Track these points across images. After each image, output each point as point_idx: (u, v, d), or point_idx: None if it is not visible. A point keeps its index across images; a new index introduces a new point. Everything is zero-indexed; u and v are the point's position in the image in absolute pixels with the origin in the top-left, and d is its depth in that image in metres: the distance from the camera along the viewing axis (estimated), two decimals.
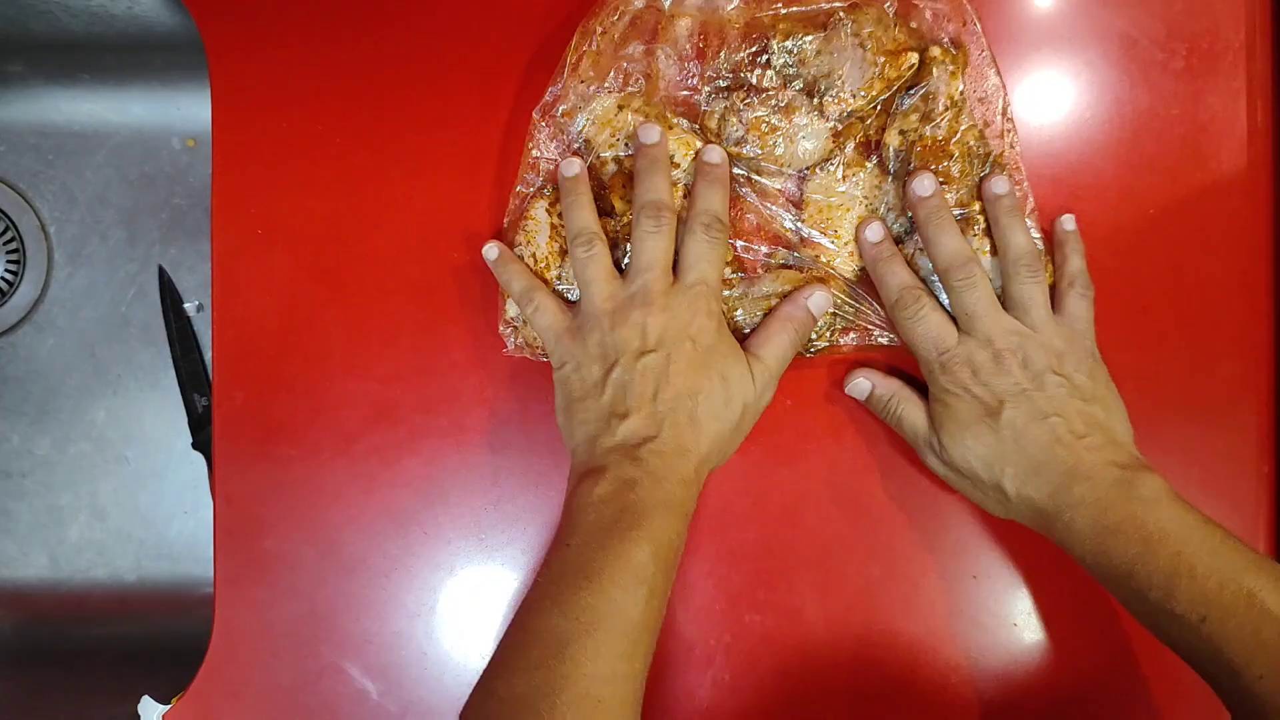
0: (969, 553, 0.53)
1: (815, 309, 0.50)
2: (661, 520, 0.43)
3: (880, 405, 0.51)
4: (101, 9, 0.66)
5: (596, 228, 0.49)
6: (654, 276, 0.47)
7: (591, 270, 0.48)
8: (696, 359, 0.46)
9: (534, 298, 0.49)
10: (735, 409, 0.47)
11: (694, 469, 0.45)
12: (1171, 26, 0.53)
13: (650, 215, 0.48)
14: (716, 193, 0.48)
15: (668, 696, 0.53)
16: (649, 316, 0.46)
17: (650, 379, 0.46)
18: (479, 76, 0.53)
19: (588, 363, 0.47)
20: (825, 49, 0.48)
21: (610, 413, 0.46)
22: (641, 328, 0.46)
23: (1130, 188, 0.53)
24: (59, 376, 0.72)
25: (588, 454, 0.46)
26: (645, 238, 0.47)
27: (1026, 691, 0.53)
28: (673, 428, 0.45)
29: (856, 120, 0.49)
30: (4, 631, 0.71)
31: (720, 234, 0.48)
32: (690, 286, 0.47)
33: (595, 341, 0.47)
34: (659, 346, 0.46)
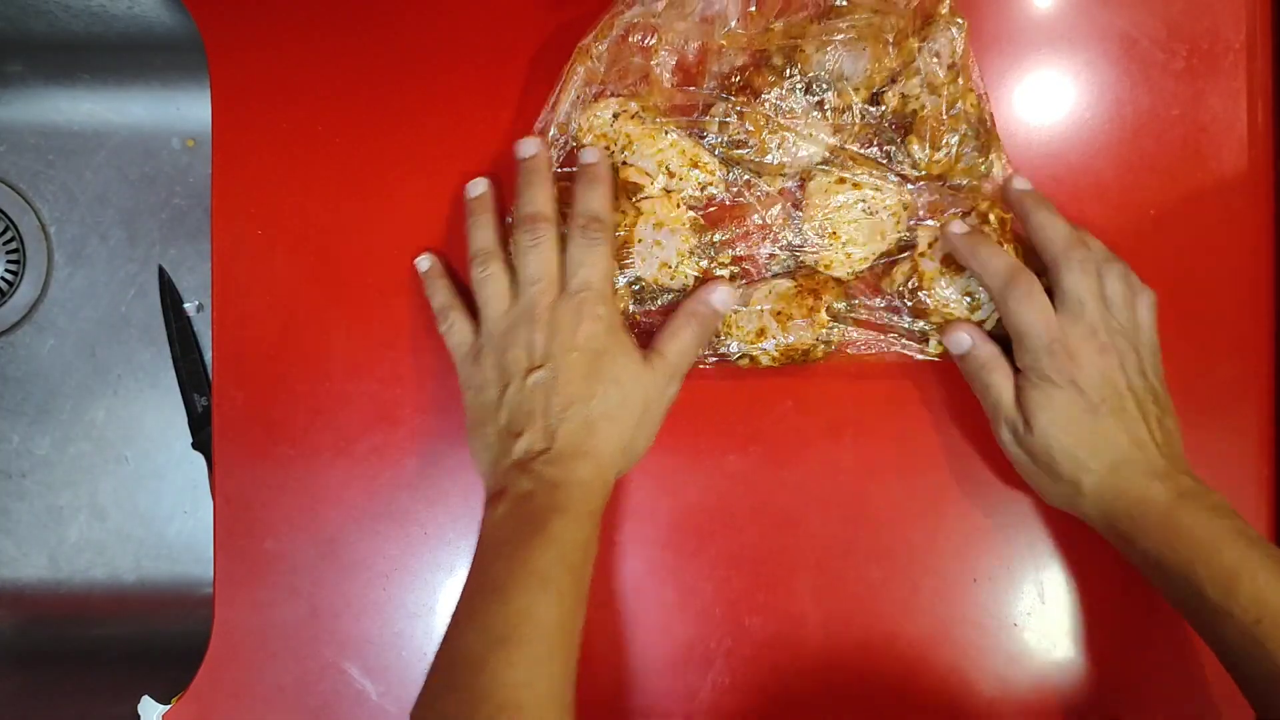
0: (968, 555, 0.53)
1: (719, 304, 0.49)
2: (560, 524, 0.43)
3: (973, 366, 0.49)
4: (101, 9, 0.66)
5: (494, 247, 0.49)
6: (538, 290, 0.47)
7: (487, 290, 0.49)
8: (584, 367, 0.46)
9: (449, 316, 0.50)
10: (634, 407, 0.47)
11: (593, 471, 0.46)
12: (1172, 27, 0.52)
13: (526, 229, 0.48)
14: (595, 191, 0.48)
15: (668, 699, 0.53)
16: (534, 333, 0.47)
17: (540, 394, 0.46)
18: (479, 77, 0.53)
19: (485, 386, 0.48)
20: (823, 49, 0.48)
21: (507, 433, 0.47)
22: (528, 345, 0.47)
23: (1130, 188, 0.53)
24: (59, 376, 0.72)
25: (491, 477, 0.47)
26: (525, 252, 0.48)
27: (1026, 692, 0.53)
28: (566, 436, 0.46)
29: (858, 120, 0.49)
30: (4, 631, 0.71)
31: (599, 233, 0.47)
32: (574, 294, 0.47)
33: (491, 364, 0.48)
34: (545, 361, 0.46)
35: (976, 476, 0.53)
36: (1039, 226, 0.48)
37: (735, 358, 0.50)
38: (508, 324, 0.48)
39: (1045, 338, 0.46)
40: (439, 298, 0.51)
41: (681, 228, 0.50)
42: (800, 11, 0.49)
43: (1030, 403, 0.47)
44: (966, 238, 0.48)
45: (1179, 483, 0.45)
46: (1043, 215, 0.48)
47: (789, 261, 0.51)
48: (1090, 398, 0.46)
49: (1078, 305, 0.46)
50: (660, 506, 0.53)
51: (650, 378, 0.48)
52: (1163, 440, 0.47)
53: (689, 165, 0.50)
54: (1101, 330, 0.46)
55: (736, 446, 0.53)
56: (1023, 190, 0.49)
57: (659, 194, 0.50)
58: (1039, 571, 0.53)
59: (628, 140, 0.50)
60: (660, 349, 0.49)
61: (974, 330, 0.49)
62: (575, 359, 0.46)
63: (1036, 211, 0.48)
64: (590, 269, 0.47)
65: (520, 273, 0.48)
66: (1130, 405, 0.46)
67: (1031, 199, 0.49)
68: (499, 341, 0.48)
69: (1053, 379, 0.46)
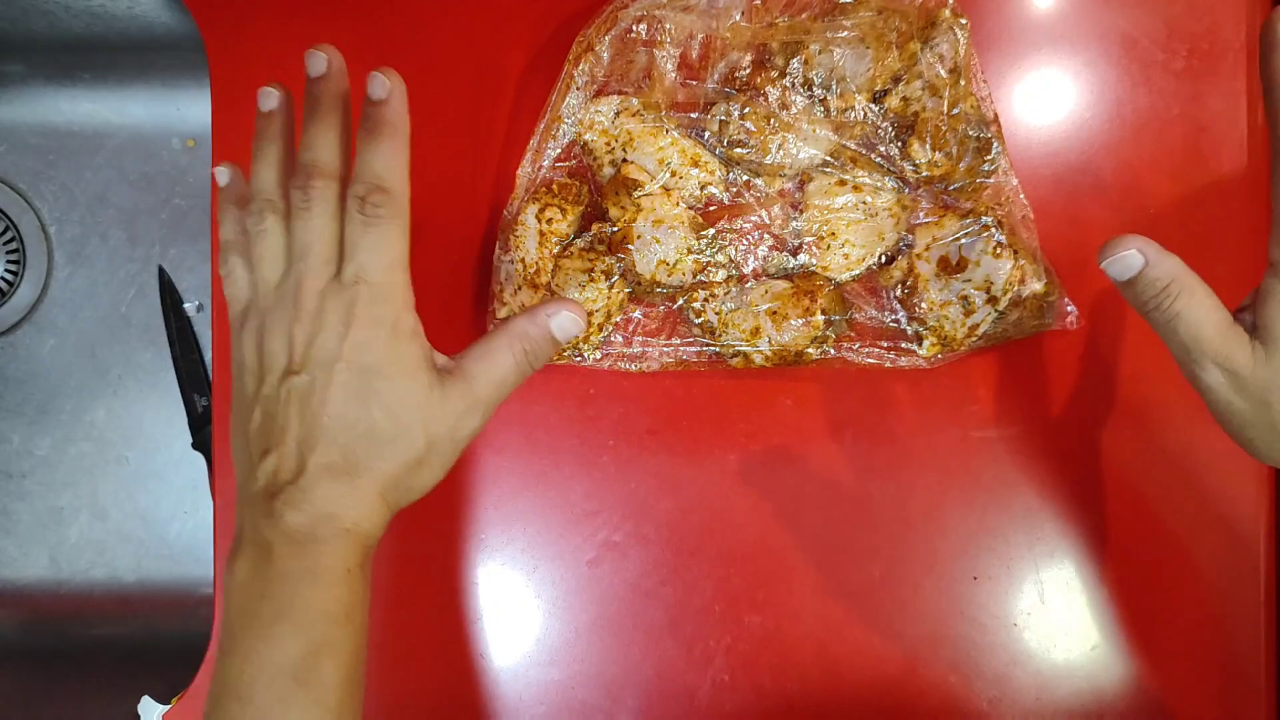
0: (969, 554, 0.53)
1: (559, 332, 0.40)
2: (308, 595, 0.36)
3: (1151, 292, 0.38)
4: (101, 9, 0.66)
5: (277, 194, 0.39)
6: (307, 268, 0.38)
7: (259, 248, 0.39)
8: (351, 385, 0.37)
9: (229, 260, 0.40)
10: (413, 444, 0.38)
11: (351, 517, 0.37)
12: (1172, 27, 0.52)
13: (299, 185, 0.38)
14: (381, 147, 0.38)
15: (668, 697, 0.53)
16: (296, 324, 0.37)
17: (294, 406, 0.37)
18: (479, 78, 0.53)
19: (244, 368, 0.39)
20: (826, 49, 0.48)
21: (256, 447, 0.38)
22: (289, 338, 0.38)
23: (1130, 188, 0.53)
24: (59, 376, 0.72)
25: (239, 499, 0.39)
26: (295, 218, 0.38)
27: (1026, 692, 0.53)
28: (319, 469, 0.37)
29: (859, 120, 0.49)
30: (4, 631, 0.71)
31: (383, 207, 0.37)
32: (347, 285, 0.37)
33: (251, 346, 0.39)
34: (304, 366, 0.37)
35: (976, 476, 0.53)
36: None
37: (729, 356, 0.50)
38: (274, 301, 0.38)
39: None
40: (227, 228, 0.41)
41: (681, 225, 0.50)
42: (804, 11, 0.49)
43: (1274, 313, 0.37)
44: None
45: None
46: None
47: (787, 262, 0.51)
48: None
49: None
50: (660, 506, 0.53)
51: (440, 409, 0.38)
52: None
53: (689, 164, 0.50)
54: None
55: (736, 445, 0.53)
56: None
57: (658, 191, 0.50)
58: (1039, 571, 0.53)
59: (629, 137, 0.50)
60: (467, 371, 0.39)
61: (1145, 242, 0.38)
62: (340, 374, 0.37)
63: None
64: (369, 255, 0.37)
65: (292, 243, 0.38)
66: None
67: None
68: (262, 321, 0.39)
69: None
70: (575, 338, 0.42)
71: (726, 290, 0.51)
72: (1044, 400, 0.52)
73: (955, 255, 0.49)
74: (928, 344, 0.50)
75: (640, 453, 0.53)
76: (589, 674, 0.53)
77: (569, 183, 0.51)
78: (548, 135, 0.51)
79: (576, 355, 0.51)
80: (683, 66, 0.50)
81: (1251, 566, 0.52)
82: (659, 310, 0.52)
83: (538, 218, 0.50)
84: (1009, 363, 0.53)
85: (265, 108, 0.40)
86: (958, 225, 0.49)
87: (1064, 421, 0.53)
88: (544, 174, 0.51)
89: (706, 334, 0.51)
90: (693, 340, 0.51)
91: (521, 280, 0.50)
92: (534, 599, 0.54)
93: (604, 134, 0.50)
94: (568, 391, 0.53)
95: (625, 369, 0.52)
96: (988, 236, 0.49)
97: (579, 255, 0.50)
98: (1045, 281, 0.50)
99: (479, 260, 0.53)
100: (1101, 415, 0.53)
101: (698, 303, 0.51)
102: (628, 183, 0.50)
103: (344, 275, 0.38)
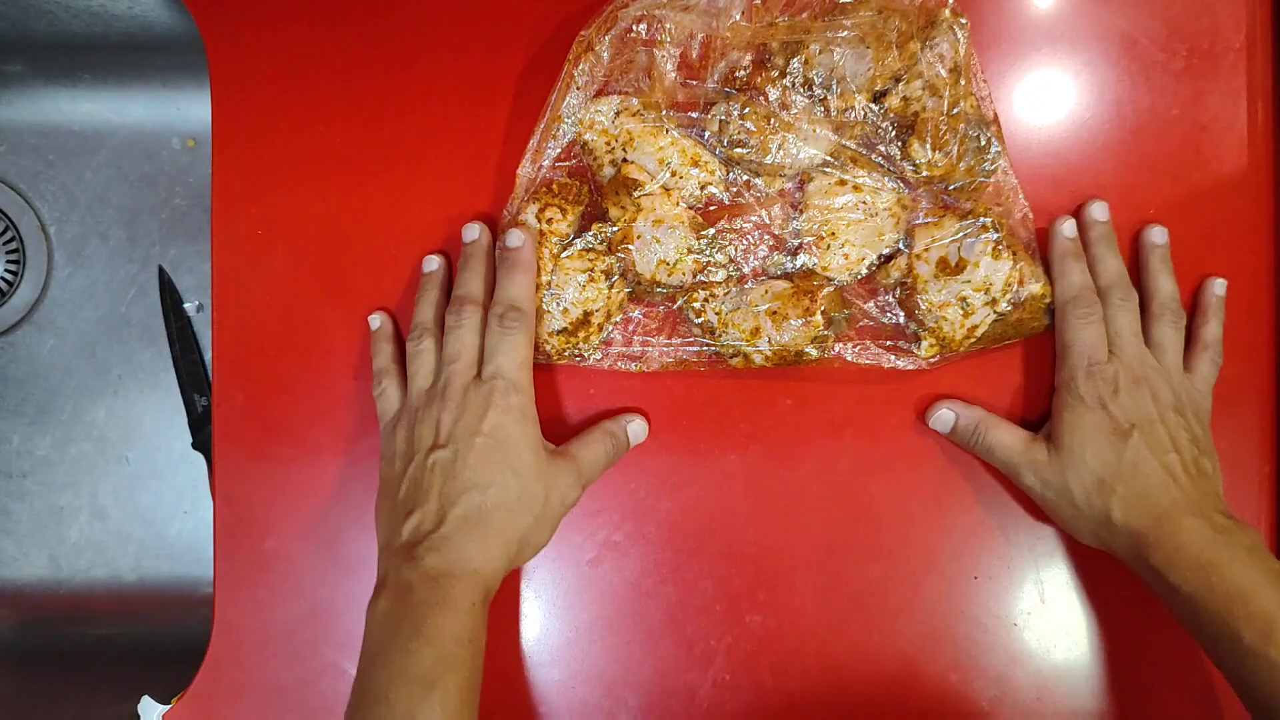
0: (969, 553, 0.53)
1: (633, 436, 0.52)
2: (440, 620, 0.42)
3: (967, 435, 0.51)
4: (101, 9, 0.66)
5: (433, 324, 0.50)
6: (456, 370, 0.48)
7: (415, 364, 0.49)
8: (487, 454, 0.46)
9: (383, 382, 0.51)
10: (533, 502, 0.47)
11: (479, 560, 0.45)
12: (1172, 26, 0.53)
13: (454, 311, 0.49)
14: (516, 279, 0.49)
15: (669, 697, 0.53)
16: (444, 412, 0.47)
17: (438, 474, 0.46)
18: (479, 78, 0.53)
19: (394, 458, 0.48)
20: (826, 49, 0.48)
21: (402, 510, 0.46)
22: (436, 423, 0.47)
23: (1130, 188, 0.53)
24: (59, 376, 0.72)
25: (382, 559, 0.46)
26: (449, 333, 0.49)
27: (1026, 692, 0.53)
28: (457, 521, 0.45)
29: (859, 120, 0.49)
30: (4, 631, 0.71)
31: (517, 322, 0.48)
32: (487, 380, 0.47)
33: (403, 437, 0.48)
34: (449, 442, 0.46)
35: (976, 476, 0.53)
36: (1096, 260, 0.50)
37: (729, 356, 0.50)
38: (425, 400, 0.48)
39: (1088, 360, 0.48)
40: (380, 359, 0.52)
41: (681, 225, 0.50)
42: (804, 10, 0.49)
43: (1061, 424, 0.48)
44: (1067, 242, 0.50)
45: (1214, 520, 0.45)
46: (1100, 250, 0.50)
47: (787, 262, 0.51)
48: (1120, 422, 0.47)
49: (1117, 339, 0.49)
50: (660, 505, 0.53)
51: (554, 477, 0.48)
52: (1196, 475, 0.47)
53: (689, 164, 0.50)
54: (1137, 366, 0.48)
55: (737, 445, 0.53)
56: (1157, 244, 0.51)
57: (658, 191, 0.50)
58: (1039, 571, 0.53)
59: (629, 137, 0.50)
60: (573, 453, 0.49)
61: (953, 403, 0.52)
62: (479, 445, 0.46)
63: (1096, 245, 0.51)
64: (505, 358, 0.47)
65: (444, 353, 0.49)
66: (1161, 435, 0.47)
67: (1099, 233, 0.51)
68: (414, 416, 0.48)
69: (1085, 400, 0.48)
70: (640, 441, 0.52)
71: (726, 290, 0.51)
72: (1044, 401, 0.52)
73: (954, 256, 0.49)
74: (926, 345, 0.50)
75: (640, 453, 0.53)
76: (589, 674, 0.53)
77: (569, 183, 0.51)
78: (548, 135, 0.51)
79: (576, 355, 0.51)
80: (683, 66, 0.50)
81: None
82: (659, 310, 0.52)
83: (538, 218, 0.50)
84: (1008, 363, 0.53)
85: (429, 270, 0.52)
86: (956, 226, 0.49)
87: None
88: (544, 174, 0.51)
89: (706, 334, 0.51)
90: (693, 340, 0.51)
91: None
92: (534, 599, 0.54)
93: (604, 134, 0.50)
94: (568, 391, 0.53)
95: (625, 369, 0.52)
96: (986, 237, 0.49)
97: (579, 255, 0.50)
98: (1044, 282, 0.50)
99: None
100: None
101: (698, 303, 0.51)
102: (628, 183, 0.50)
103: (484, 373, 0.48)
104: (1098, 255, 0.50)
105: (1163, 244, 0.51)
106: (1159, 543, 0.45)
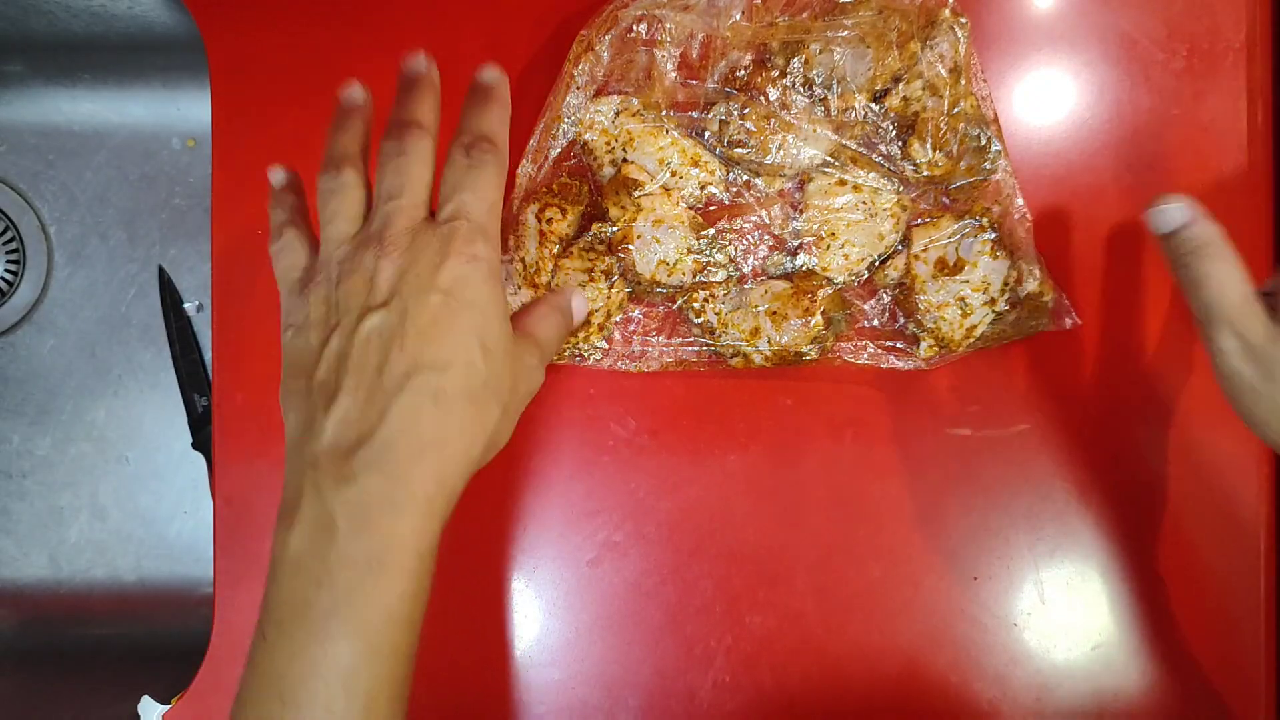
0: (969, 554, 0.53)
1: (577, 315, 0.42)
2: (373, 591, 0.32)
3: (1184, 250, 0.40)
4: (101, 9, 0.66)
5: (355, 154, 0.38)
6: (398, 206, 0.36)
7: (333, 204, 0.37)
8: (446, 317, 0.34)
9: (284, 233, 0.39)
10: (501, 390, 0.36)
11: (434, 481, 0.34)
12: (1172, 26, 0.53)
13: (393, 136, 0.37)
14: (491, 110, 0.38)
15: (668, 698, 0.53)
16: (382, 259, 0.35)
17: (374, 345, 0.34)
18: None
19: (308, 325, 0.36)
20: (827, 49, 0.48)
21: (321, 396, 0.34)
22: (371, 275, 0.35)
23: (1130, 188, 0.53)
24: (59, 376, 0.72)
25: (292, 464, 0.35)
26: (387, 161, 0.37)
27: (1026, 692, 0.53)
28: (401, 418, 0.33)
29: (859, 119, 0.49)
30: (4, 631, 0.71)
31: (488, 154, 0.37)
32: (444, 222, 0.36)
33: (320, 298, 0.36)
34: (391, 299, 0.34)
35: (976, 476, 0.53)
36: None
37: (729, 356, 0.50)
38: (351, 248, 0.36)
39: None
40: (279, 213, 0.40)
41: (681, 225, 0.50)
42: (804, 10, 0.49)
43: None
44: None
45: None
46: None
47: (786, 263, 0.51)
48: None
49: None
50: (660, 505, 0.53)
51: (520, 358, 0.37)
52: None
53: (689, 164, 0.50)
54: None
55: (736, 445, 0.53)
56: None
57: (658, 191, 0.50)
58: (1039, 571, 0.53)
59: (629, 137, 0.50)
60: (532, 331, 0.39)
61: (1191, 204, 0.41)
62: (435, 304, 0.34)
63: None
64: (472, 194, 0.36)
65: (378, 187, 0.37)
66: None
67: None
68: (335, 270, 0.36)
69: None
70: (581, 322, 0.43)
71: (726, 290, 0.51)
72: (1043, 401, 0.52)
73: (953, 256, 0.49)
74: (925, 345, 0.50)
75: (640, 453, 0.53)
76: (589, 674, 0.53)
77: (569, 183, 0.51)
78: (548, 135, 0.51)
79: (576, 355, 0.51)
80: (683, 66, 0.50)
81: (1252, 566, 0.52)
82: (659, 310, 0.52)
83: (538, 218, 0.50)
84: (1008, 363, 0.53)
85: (350, 99, 0.40)
86: (954, 226, 0.49)
87: (1063, 422, 0.53)
88: (544, 174, 0.51)
89: (706, 334, 0.51)
90: (693, 340, 0.51)
91: (521, 280, 0.50)
92: (534, 599, 0.54)
93: (604, 134, 0.50)
94: (568, 391, 0.53)
95: (625, 369, 0.52)
96: (984, 237, 0.49)
97: (579, 255, 0.50)
98: (1042, 281, 0.50)
99: None
100: (1101, 415, 0.53)
101: (698, 303, 0.51)
102: (628, 183, 0.50)
103: (441, 213, 0.36)
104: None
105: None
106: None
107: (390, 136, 0.37)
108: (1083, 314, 0.51)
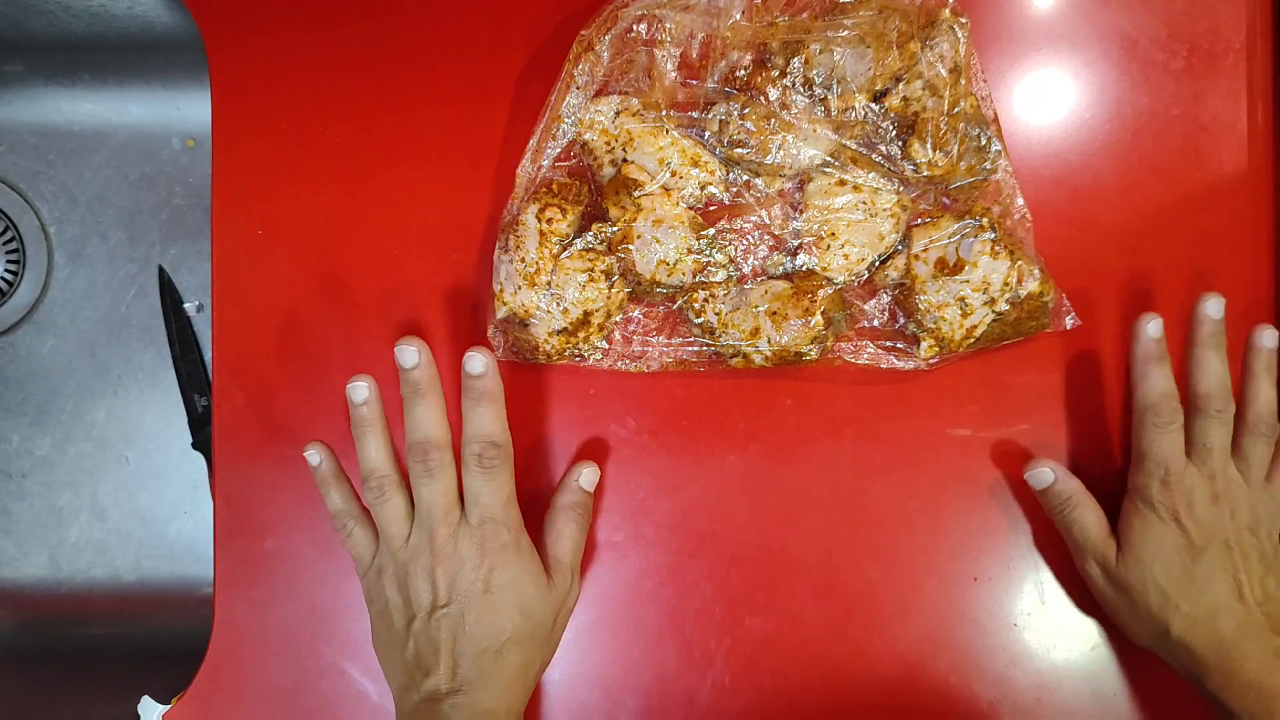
0: (969, 555, 0.53)
1: (587, 484, 0.51)
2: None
3: (1056, 502, 0.50)
4: (101, 9, 0.66)
5: (388, 469, 0.48)
6: (435, 522, 0.47)
7: (384, 515, 0.48)
8: (492, 604, 0.46)
9: (346, 525, 0.50)
10: (542, 627, 0.48)
11: (504, 708, 0.46)
12: (1172, 27, 0.52)
13: (418, 459, 0.47)
14: (484, 411, 0.47)
15: (668, 700, 0.53)
16: (436, 566, 0.46)
17: (446, 634, 0.46)
18: (479, 78, 0.53)
19: (390, 610, 0.47)
20: (827, 48, 0.48)
21: (415, 667, 0.46)
22: (431, 579, 0.46)
23: (1130, 188, 0.53)
24: (59, 376, 0.72)
25: (399, 702, 0.47)
26: (420, 483, 0.47)
27: (1027, 693, 0.53)
28: (477, 678, 0.45)
29: (859, 119, 0.49)
30: (4, 631, 0.71)
31: (496, 458, 0.46)
32: (476, 526, 0.47)
33: (394, 589, 0.47)
34: (451, 600, 0.46)
35: (976, 476, 0.53)
36: (1198, 363, 0.48)
37: (729, 356, 0.50)
38: (409, 554, 0.47)
39: (1165, 469, 0.47)
40: (333, 502, 0.50)
41: (681, 225, 0.50)
42: (804, 10, 0.49)
43: (1131, 530, 0.48)
44: (1151, 344, 0.47)
45: (1273, 641, 0.45)
46: (1205, 353, 0.47)
47: (786, 263, 0.51)
48: (1193, 538, 0.46)
49: (1204, 451, 0.47)
50: (660, 506, 0.53)
51: (556, 595, 0.48)
52: (1262, 599, 0.46)
53: (689, 164, 0.50)
54: (1219, 480, 0.47)
55: (737, 446, 0.53)
56: (1267, 348, 0.48)
57: (658, 191, 0.50)
58: (1039, 571, 0.53)
59: (629, 137, 0.50)
60: (555, 553, 0.49)
61: (1055, 465, 0.50)
62: (481, 598, 0.46)
63: (1204, 346, 0.47)
64: (490, 498, 0.47)
65: (418, 503, 0.47)
66: (1234, 556, 0.46)
67: (1209, 331, 0.47)
68: (399, 569, 0.47)
69: (1158, 510, 0.47)
70: (595, 483, 0.52)
71: (726, 290, 0.51)
72: (1043, 400, 0.52)
73: (952, 256, 0.49)
74: (925, 345, 0.50)
75: (640, 453, 0.53)
76: (589, 675, 0.53)
77: (569, 182, 0.51)
78: (548, 135, 0.51)
79: (576, 355, 0.51)
80: (683, 66, 0.50)
81: None
82: (659, 310, 0.52)
83: (538, 218, 0.50)
84: (1008, 363, 0.53)
85: (359, 399, 0.48)
86: (954, 226, 0.49)
87: (1063, 421, 0.53)
88: (544, 174, 0.51)
89: (706, 334, 0.51)
90: (693, 340, 0.51)
91: (521, 280, 0.50)
92: None
93: (604, 134, 0.50)
94: (568, 391, 0.53)
95: (625, 369, 0.52)
96: (984, 237, 0.49)
97: (579, 255, 0.50)
98: (1042, 281, 0.50)
99: (479, 260, 0.53)
100: (1101, 415, 0.53)
101: (698, 303, 0.51)
102: (628, 183, 0.50)
103: (471, 518, 0.47)
104: (1202, 359, 0.47)
105: (1271, 348, 0.48)
106: (1219, 667, 0.45)
107: (414, 458, 0.47)
108: (1083, 314, 0.51)
